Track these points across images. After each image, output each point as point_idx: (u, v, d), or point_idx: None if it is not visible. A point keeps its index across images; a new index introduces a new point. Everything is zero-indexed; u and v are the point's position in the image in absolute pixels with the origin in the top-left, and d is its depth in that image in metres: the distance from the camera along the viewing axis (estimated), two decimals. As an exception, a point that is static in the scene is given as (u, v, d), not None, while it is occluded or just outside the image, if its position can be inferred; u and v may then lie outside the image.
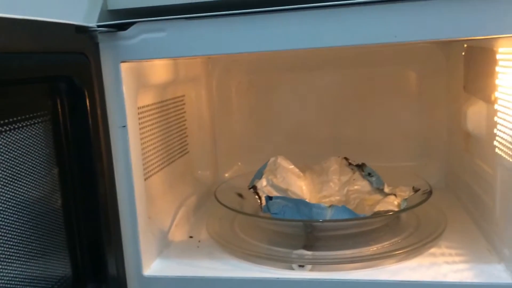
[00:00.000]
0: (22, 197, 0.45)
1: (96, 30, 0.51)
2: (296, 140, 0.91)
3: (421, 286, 0.53)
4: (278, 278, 0.56)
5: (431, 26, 0.47)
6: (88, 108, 0.50)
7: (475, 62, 0.66)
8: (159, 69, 0.67)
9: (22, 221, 0.45)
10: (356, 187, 0.75)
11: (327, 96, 0.90)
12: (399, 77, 0.87)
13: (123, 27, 0.52)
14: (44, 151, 0.47)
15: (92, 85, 0.51)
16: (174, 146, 0.77)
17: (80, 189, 0.51)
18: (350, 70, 0.89)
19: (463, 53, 0.72)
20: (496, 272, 0.54)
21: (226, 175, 0.94)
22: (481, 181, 0.65)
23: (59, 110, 0.49)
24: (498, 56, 0.55)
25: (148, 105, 0.66)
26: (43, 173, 0.48)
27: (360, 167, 0.77)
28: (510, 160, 0.52)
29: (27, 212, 0.45)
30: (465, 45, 0.70)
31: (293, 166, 0.75)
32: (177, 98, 0.79)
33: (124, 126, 0.55)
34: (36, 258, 0.46)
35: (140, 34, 0.53)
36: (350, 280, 0.54)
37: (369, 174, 0.76)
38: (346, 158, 0.79)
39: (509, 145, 0.53)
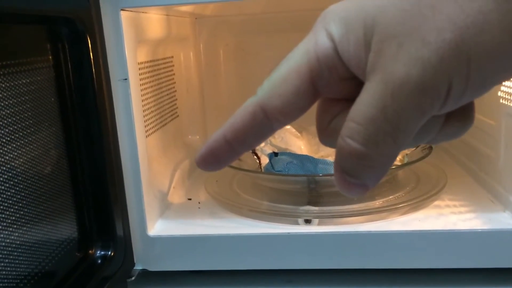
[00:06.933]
0: (26, 155, 0.41)
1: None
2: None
3: (433, 234, 0.53)
4: (289, 232, 0.55)
5: None
6: (92, 57, 0.46)
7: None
8: (154, 24, 0.64)
9: (27, 183, 0.41)
10: (353, 146, 0.75)
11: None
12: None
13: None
14: (47, 102, 0.44)
15: (94, 32, 0.47)
16: (165, 109, 0.74)
17: (84, 146, 0.48)
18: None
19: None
20: (503, 219, 0.55)
21: (215, 140, 0.92)
22: (480, 134, 0.65)
23: (61, 57, 0.45)
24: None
25: (143, 62, 0.63)
26: (47, 127, 0.44)
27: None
28: (517, 108, 0.53)
29: (32, 172, 0.42)
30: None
31: (290, 126, 0.74)
32: (167, 59, 0.75)
33: (126, 79, 0.52)
34: (43, 221, 0.43)
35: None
36: (363, 232, 0.54)
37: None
38: (341, 119, 0.79)
39: (516, 93, 0.53)
